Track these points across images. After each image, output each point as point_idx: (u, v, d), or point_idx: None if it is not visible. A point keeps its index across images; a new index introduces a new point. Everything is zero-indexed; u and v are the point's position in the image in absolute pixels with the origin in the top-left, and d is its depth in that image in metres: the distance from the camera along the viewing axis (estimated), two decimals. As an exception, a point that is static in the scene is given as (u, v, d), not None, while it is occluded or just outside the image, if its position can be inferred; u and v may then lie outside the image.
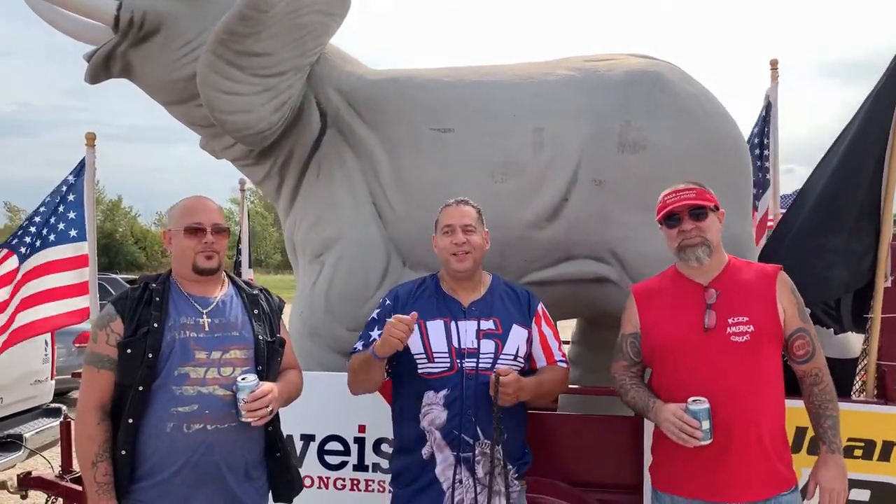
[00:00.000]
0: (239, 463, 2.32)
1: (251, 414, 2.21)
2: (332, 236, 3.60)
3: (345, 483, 3.08)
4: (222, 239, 2.42)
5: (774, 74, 4.82)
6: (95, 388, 2.26)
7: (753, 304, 2.36)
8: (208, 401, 2.25)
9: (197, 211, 2.42)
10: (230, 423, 2.26)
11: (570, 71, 3.61)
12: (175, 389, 2.24)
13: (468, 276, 2.55)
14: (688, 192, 2.44)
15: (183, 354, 2.27)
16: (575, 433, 3.10)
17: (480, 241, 2.55)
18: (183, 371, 2.26)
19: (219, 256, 2.41)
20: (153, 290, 2.35)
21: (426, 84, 3.64)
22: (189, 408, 2.24)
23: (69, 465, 4.02)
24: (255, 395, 2.22)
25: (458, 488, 2.39)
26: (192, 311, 2.35)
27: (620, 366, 2.59)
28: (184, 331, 2.30)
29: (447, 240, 2.52)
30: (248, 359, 2.35)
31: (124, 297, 2.34)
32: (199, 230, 2.37)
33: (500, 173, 3.45)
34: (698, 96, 3.53)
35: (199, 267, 2.37)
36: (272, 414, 2.29)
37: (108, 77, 3.78)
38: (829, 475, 2.36)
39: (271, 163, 3.82)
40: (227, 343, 2.34)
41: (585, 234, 3.45)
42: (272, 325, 2.48)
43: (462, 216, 2.55)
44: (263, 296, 2.54)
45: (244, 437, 2.32)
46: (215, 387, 2.27)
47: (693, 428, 2.22)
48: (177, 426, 2.22)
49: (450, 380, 2.41)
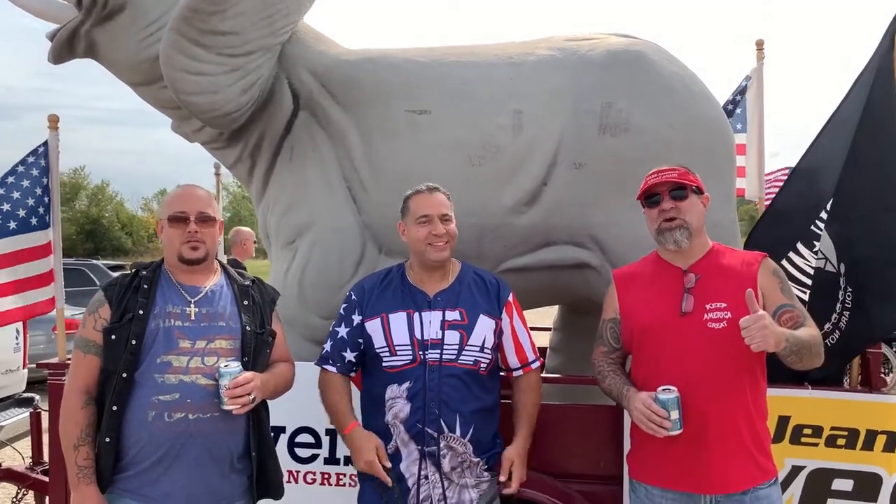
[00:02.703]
0: (223, 454, 2.28)
1: (233, 401, 2.18)
2: (305, 222, 3.50)
3: (315, 477, 3.00)
4: (208, 228, 2.37)
5: (760, 55, 4.73)
6: (81, 371, 2.26)
7: (733, 290, 2.28)
8: (190, 389, 2.22)
9: (182, 199, 2.38)
10: (213, 412, 2.22)
11: (550, 51, 3.51)
12: (157, 378, 2.21)
13: (442, 265, 2.48)
14: (670, 172, 2.38)
15: (167, 343, 2.24)
16: (554, 423, 3.02)
17: (455, 229, 2.50)
18: (166, 359, 2.23)
19: (205, 246, 2.36)
20: (143, 277, 2.34)
21: (401, 64, 3.53)
22: (171, 396, 2.20)
23: (40, 457, 3.93)
24: (236, 382, 2.18)
25: (423, 484, 2.35)
26: (180, 300, 2.32)
27: (600, 352, 2.53)
28: (169, 319, 2.27)
29: (424, 230, 2.45)
30: (233, 349, 2.31)
31: (114, 283, 2.34)
32: (182, 219, 2.34)
33: (478, 156, 3.35)
34: (682, 77, 3.44)
35: (185, 257, 2.34)
36: (254, 402, 2.24)
37: (73, 57, 3.66)
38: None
39: (242, 146, 3.70)
40: (213, 333, 2.30)
41: (565, 219, 3.37)
42: (263, 317, 2.43)
43: (438, 205, 2.48)
44: (256, 286, 2.50)
45: (228, 428, 2.28)
46: (198, 376, 2.23)
47: (661, 418, 2.16)
48: (158, 415, 2.19)
49: (412, 372, 2.36)
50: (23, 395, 5.84)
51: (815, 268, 3.20)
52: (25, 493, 4.07)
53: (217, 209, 2.49)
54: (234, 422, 2.28)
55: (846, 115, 3.27)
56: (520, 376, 2.53)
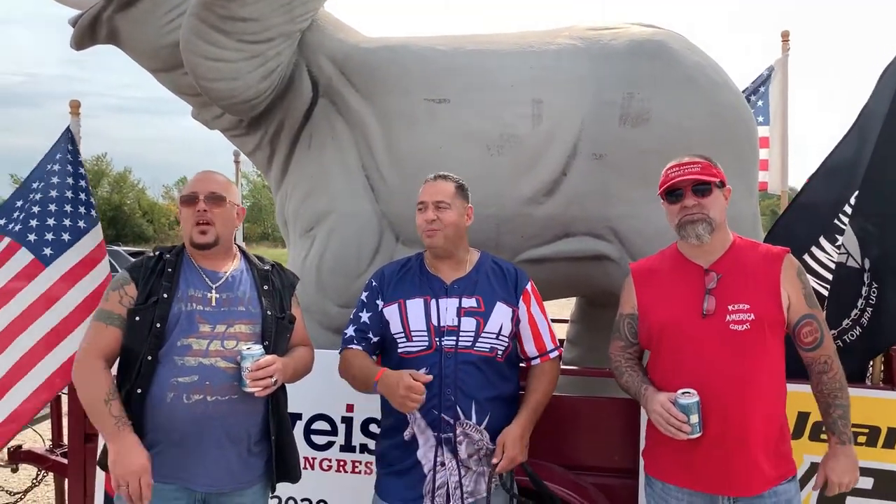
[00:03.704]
0: (242, 436, 2.29)
1: (255, 383, 2.18)
2: (324, 209, 3.50)
3: (331, 464, 3.00)
4: (217, 208, 2.35)
5: (785, 46, 4.66)
6: (102, 339, 2.25)
7: (756, 291, 2.24)
8: (209, 372, 2.22)
9: (194, 182, 2.39)
10: (231, 395, 2.24)
11: (571, 40, 3.47)
12: (177, 360, 2.22)
13: (445, 254, 2.47)
14: (692, 166, 2.30)
15: (188, 326, 2.25)
16: (570, 415, 3.01)
17: (455, 217, 2.44)
18: (186, 342, 2.23)
19: (214, 229, 2.34)
20: (166, 260, 2.34)
21: (421, 53, 3.51)
22: (189, 378, 2.21)
23: (59, 439, 3.98)
24: (259, 364, 2.19)
25: (439, 471, 2.34)
26: (202, 285, 2.33)
27: (617, 346, 2.50)
28: (191, 303, 2.28)
29: (420, 217, 2.46)
30: (253, 334, 2.32)
31: (139, 265, 2.34)
32: (192, 200, 2.34)
33: (497, 146, 3.33)
34: (705, 67, 3.40)
35: (194, 241, 2.34)
36: (276, 385, 2.25)
37: (94, 43, 3.68)
38: (840, 468, 2.25)
39: (262, 133, 3.71)
40: (233, 317, 2.31)
41: (584, 211, 3.34)
42: (283, 302, 2.44)
43: (435, 192, 2.45)
44: (276, 271, 2.50)
45: (246, 411, 2.29)
46: (217, 359, 2.24)
47: (680, 422, 2.13)
48: (177, 396, 2.20)
49: (428, 358, 2.35)
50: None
51: (837, 262, 3.15)
52: (45, 475, 4.12)
53: (235, 194, 2.48)
54: (252, 405, 2.29)
55: (875, 107, 3.20)
56: (537, 364, 2.50)
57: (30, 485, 4.26)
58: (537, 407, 2.43)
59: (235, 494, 2.30)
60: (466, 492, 2.34)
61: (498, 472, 2.32)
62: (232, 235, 2.45)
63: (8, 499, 4.49)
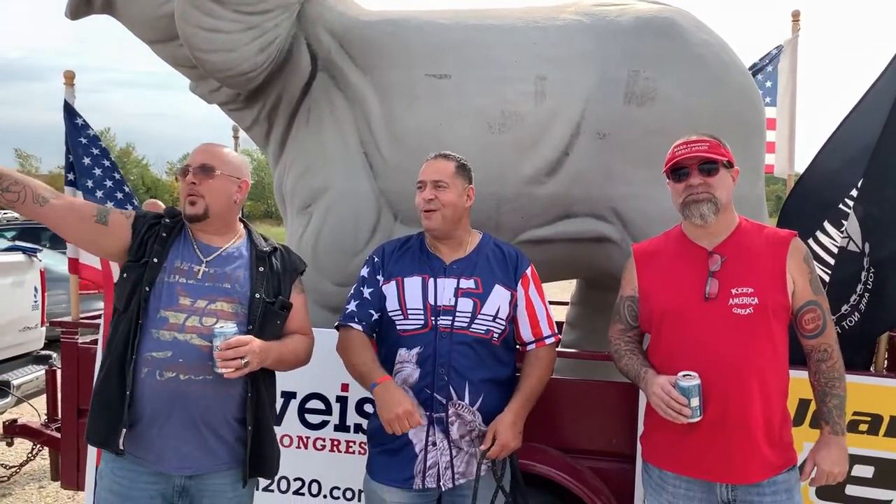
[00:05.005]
0: (216, 419, 2.18)
1: (224, 363, 2.04)
2: (321, 186, 3.44)
3: (325, 444, 2.97)
4: (208, 179, 2.24)
5: (795, 26, 4.56)
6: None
7: (760, 275, 2.18)
8: (183, 348, 2.13)
9: (193, 153, 2.31)
10: (205, 375, 2.12)
11: (577, 16, 3.39)
12: (153, 332, 2.13)
13: (443, 234, 2.42)
14: (699, 144, 2.23)
15: (168, 298, 2.17)
16: (567, 398, 2.97)
17: (454, 197, 2.39)
18: (164, 314, 2.15)
19: (204, 201, 2.24)
20: (164, 225, 2.28)
21: (423, 27, 3.42)
22: (163, 353, 2.12)
23: (55, 414, 3.96)
24: (228, 343, 2.05)
25: (430, 451, 2.31)
26: (191, 257, 2.24)
27: (617, 329, 2.45)
28: (174, 275, 2.20)
29: (418, 196, 2.41)
30: (235, 314, 2.21)
31: (143, 215, 2.30)
32: (184, 172, 2.27)
33: (499, 124, 3.26)
34: (713, 45, 3.31)
35: (185, 213, 2.26)
36: (248, 367, 2.10)
37: (90, 13, 3.60)
38: (830, 458, 2.20)
39: (259, 107, 3.63)
40: (216, 294, 2.21)
41: (587, 191, 3.27)
42: (280, 286, 2.33)
43: (435, 171, 2.40)
44: (279, 254, 2.39)
45: (223, 394, 2.18)
46: (193, 335, 2.14)
47: (680, 405, 2.08)
48: (150, 372, 2.11)
49: (423, 337, 2.32)
50: (40, 353, 5.91)
51: (840, 247, 3.09)
52: (41, 449, 4.12)
53: (233, 166, 2.32)
54: (228, 387, 2.17)
55: (883, 88, 3.13)
56: (532, 350, 2.46)
57: (25, 459, 4.27)
58: (531, 394, 2.38)
59: (212, 479, 2.20)
60: (458, 472, 2.32)
61: (489, 457, 2.28)
62: (228, 209, 2.31)
63: (4, 472, 4.50)
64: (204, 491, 2.21)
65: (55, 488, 4.79)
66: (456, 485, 2.32)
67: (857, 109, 3.26)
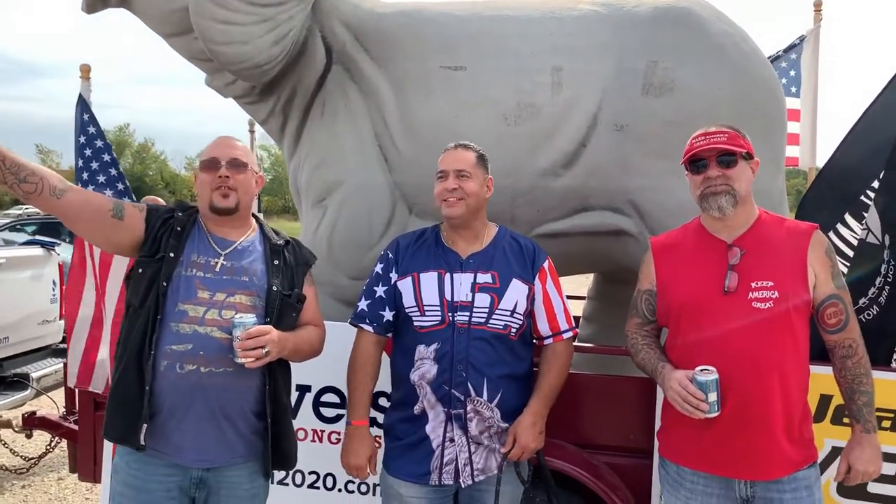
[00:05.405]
0: (236, 411, 2.20)
1: (245, 353, 2.07)
2: (335, 180, 3.43)
3: (340, 437, 2.95)
4: (240, 174, 2.28)
5: (817, 17, 4.48)
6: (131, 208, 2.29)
7: (781, 268, 2.13)
8: (204, 341, 2.14)
9: (215, 146, 2.32)
10: (226, 367, 2.14)
11: (594, 6, 3.35)
12: (173, 326, 2.15)
13: (463, 224, 2.39)
14: (718, 136, 2.19)
15: (186, 291, 2.18)
16: (583, 393, 2.94)
17: (477, 187, 2.37)
18: (182, 308, 2.16)
19: (236, 194, 2.27)
20: (178, 219, 2.28)
21: (437, 18, 3.40)
22: (184, 346, 2.13)
23: (72, 406, 3.99)
24: (249, 333, 2.07)
25: (448, 447, 2.29)
26: (208, 251, 2.26)
27: (634, 323, 2.41)
28: (191, 268, 2.21)
29: (440, 185, 2.38)
30: (255, 306, 2.23)
31: (156, 209, 2.30)
32: (213, 165, 2.27)
33: (514, 115, 3.23)
34: (732, 35, 3.26)
35: (215, 205, 2.26)
36: (268, 357, 2.13)
37: (106, 6, 3.61)
38: (864, 457, 2.16)
39: (274, 100, 3.63)
40: (234, 287, 2.22)
41: (604, 184, 3.24)
42: (294, 279, 2.35)
43: (456, 160, 2.38)
44: (291, 248, 2.41)
45: (242, 386, 2.20)
46: (213, 328, 2.15)
47: (698, 400, 2.04)
48: (170, 365, 2.12)
49: (440, 333, 2.30)
50: (59, 346, 5.95)
51: (860, 239, 3.03)
52: (59, 441, 4.15)
53: (254, 162, 2.41)
54: (248, 380, 2.20)
55: None
56: (549, 344, 2.43)
57: (43, 451, 4.30)
58: (550, 392, 2.37)
59: (230, 472, 2.22)
60: (477, 468, 2.30)
61: (510, 459, 2.27)
62: (251, 204, 2.38)
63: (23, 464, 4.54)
64: (221, 483, 2.22)
65: (74, 480, 4.83)
66: (475, 481, 2.30)
67: (878, 101, 3.20)
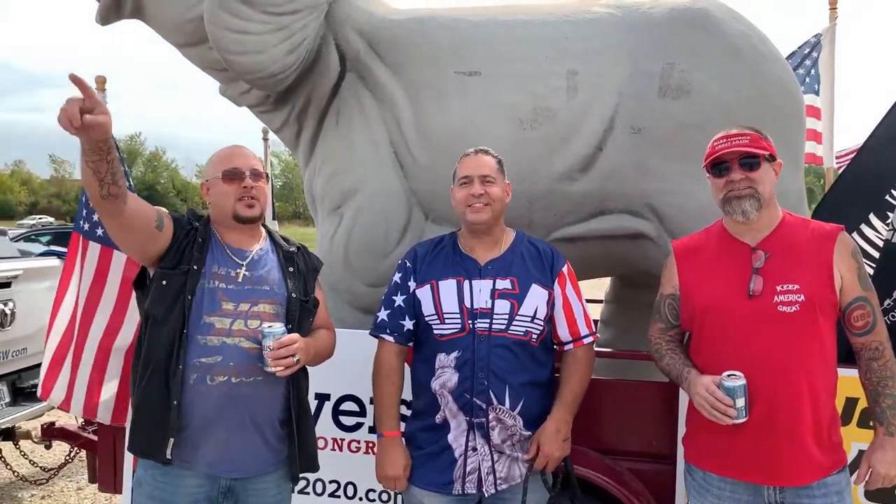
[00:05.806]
0: (264, 420, 2.22)
1: (276, 362, 2.10)
2: (351, 187, 3.42)
3: (360, 445, 2.95)
4: (260, 184, 2.32)
5: (833, 15, 4.44)
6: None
7: (806, 270, 2.10)
8: (233, 352, 2.15)
9: (234, 156, 2.33)
10: (256, 376, 2.16)
11: (608, 8, 3.33)
12: (200, 339, 2.15)
13: (486, 230, 2.38)
14: (741, 138, 2.16)
15: (210, 304, 2.18)
16: (604, 398, 2.91)
17: (500, 192, 2.37)
18: (209, 320, 2.17)
19: (259, 204, 2.31)
20: (197, 230, 2.28)
21: (451, 24, 3.39)
22: (213, 359, 2.14)
23: (91, 417, 4.00)
24: (280, 342, 2.10)
25: (471, 456, 2.27)
26: (228, 262, 2.26)
27: (657, 328, 2.38)
28: (214, 280, 2.21)
29: (464, 191, 2.36)
30: (277, 314, 2.25)
31: (180, 219, 2.29)
32: (237, 175, 2.28)
33: (530, 120, 3.21)
34: (749, 36, 3.23)
35: (241, 215, 2.27)
36: (298, 365, 2.17)
37: (120, 18, 3.63)
38: (886, 460, 2.12)
39: (289, 109, 3.63)
40: (257, 297, 2.24)
41: (621, 187, 3.22)
42: (307, 284, 2.38)
43: (480, 166, 2.37)
44: (301, 254, 2.44)
45: (271, 394, 2.22)
46: (241, 339, 2.17)
47: (726, 406, 2.01)
48: (200, 378, 2.13)
49: (461, 341, 2.28)
50: (77, 356, 5.94)
51: (885, 240, 2.99)
52: (78, 452, 4.16)
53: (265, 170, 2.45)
54: (275, 388, 2.22)
55: None
56: (570, 350, 2.41)
57: (62, 461, 4.31)
58: (573, 399, 2.35)
59: (258, 480, 2.23)
60: (500, 477, 2.28)
61: (535, 469, 2.25)
62: (266, 211, 2.41)
63: (42, 475, 4.56)
64: (249, 490, 2.23)
65: (93, 490, 4.84)
66: (498, 490, 2.28)
67: None
